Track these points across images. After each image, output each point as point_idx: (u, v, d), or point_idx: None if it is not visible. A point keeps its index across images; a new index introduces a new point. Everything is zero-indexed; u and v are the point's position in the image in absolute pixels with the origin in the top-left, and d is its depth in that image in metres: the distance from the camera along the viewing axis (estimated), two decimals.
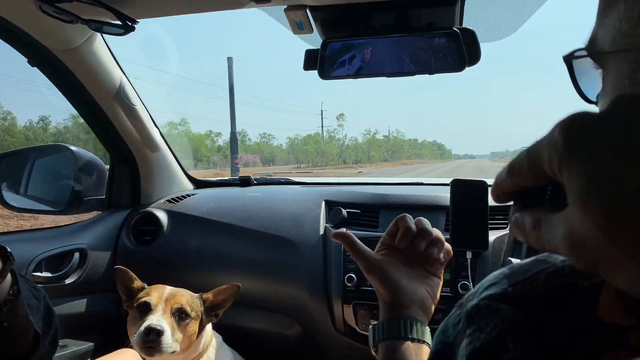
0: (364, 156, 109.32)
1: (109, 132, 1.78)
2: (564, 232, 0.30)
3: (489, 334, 0.44)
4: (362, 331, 1.52)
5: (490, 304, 0.47)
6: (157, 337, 1.25)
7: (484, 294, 0.49)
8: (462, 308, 0.51)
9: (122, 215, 1.93)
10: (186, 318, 1.35)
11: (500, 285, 0.48)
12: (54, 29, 1.32)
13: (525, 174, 0.34)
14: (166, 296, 1.37)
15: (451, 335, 0.49)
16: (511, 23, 1.34)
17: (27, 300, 0.85)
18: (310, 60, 1.26)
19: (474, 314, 0.47)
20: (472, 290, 0.52)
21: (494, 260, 1.48)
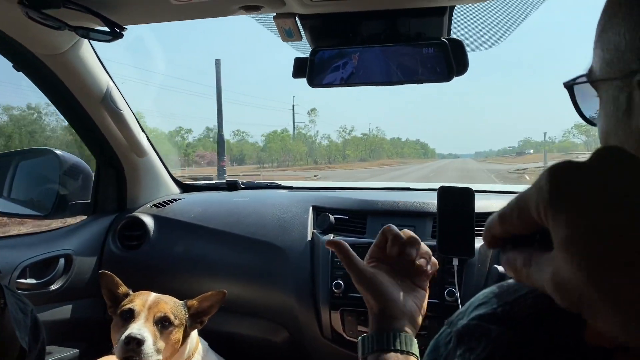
0: (339, 155, 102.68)
1: (95, 137, 1.77)
2: (550, 273, 0.31)
3: (479, 354, 0.45)
4: (350, 337, 1.52)
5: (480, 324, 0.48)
6: (138, 346, 1.23)
7: (473, 313, 0.50)
8: (452, 326, 0.51)
9: (108, 220, 1.92)
10: (169, 326, 1.34)
11: (489, 305, 0.49)
12: (40, 34, 1.30)
13: (515, 222, 0.35)
14: (149, 304, 1.35)
15: (443, 354, 0.49)
16: (499, 32, 1.35)
17: (14, 314, 0.84)
18: (299, 68, 1.26)
19: (464, 334, 0.48)
20: (462, 309, 0.53)
21: (480, 267, 1.50)
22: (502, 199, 1.67)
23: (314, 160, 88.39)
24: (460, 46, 1.18)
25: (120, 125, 1.72)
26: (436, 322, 1.45)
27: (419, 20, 1.21)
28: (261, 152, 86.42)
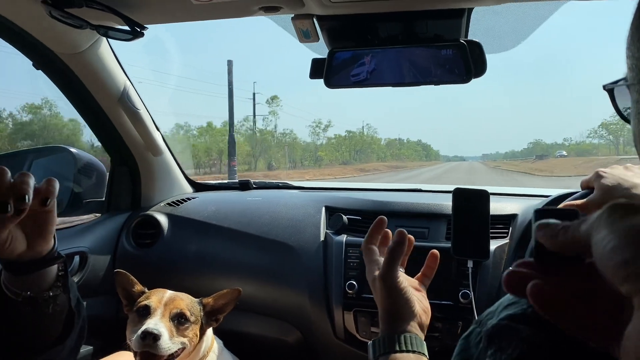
0: (309, 157, 79.27)
1: (111, 136, 1.78)
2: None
3: (510, 354, 0.45)
4: (363, 338, 1.53)
5: (510, 324, 0.48)
6: (154, 341, 1.24)
7: (503, 313, 0.50)
8: (482, 326, 0.51)
9: (122, 218, 1.93)
10: (185, 322, 1.34)
11: (519, 305, 0.49)
12: (61, 33, 1.32)
13: (559, 243, 0.36)
14: (166, 300, 1.36)
15: (474, 354, 0.50)
16: (517, 35, 1.35)
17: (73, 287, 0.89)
18: (316, 69, 1.27)
19: (495, 334, 0.48)
20: (491, 309, 0.53)
21: (495, 269, 1.50)
22: (517, 202, 1.67)
23: (268, 163, 62.70)
24: (478, 48, 1.18)
25: (136, 124, 1.74)
26: (449, 324, 1.46)
27: (436, 22, 1.21)
28: (180, 153, 71.53)
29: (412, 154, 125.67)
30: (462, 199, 1.45)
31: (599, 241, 0.30)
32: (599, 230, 0.31)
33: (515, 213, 1.61)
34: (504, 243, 1.54)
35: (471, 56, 1.17)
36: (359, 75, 1.24)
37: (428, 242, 1.57)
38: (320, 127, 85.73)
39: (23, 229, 0.77)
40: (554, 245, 0.36)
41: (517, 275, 0.39)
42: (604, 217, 0.31)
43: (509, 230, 1.59)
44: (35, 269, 0.80)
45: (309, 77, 1.29)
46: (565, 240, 0.35)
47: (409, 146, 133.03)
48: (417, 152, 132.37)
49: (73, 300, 0.89)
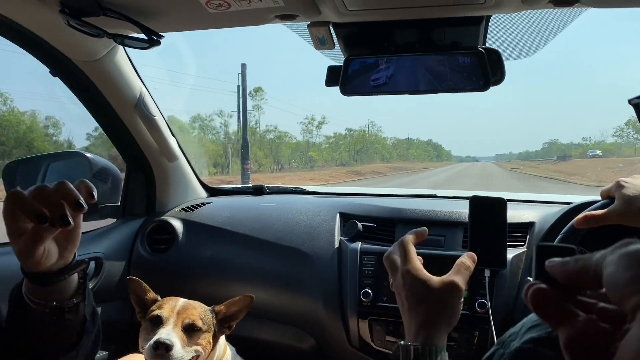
0: (299, 157, 68.38)
1: (126, 142, 1.79)
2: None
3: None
4: (378, 347, 1.51)
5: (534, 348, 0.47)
6: (166, 351, 1.24)
7: (527, 335, 0.49)
8: (505, 348, 0.50)
9: (137, 224, 1.94)
10: (198, 331, 1.34)
11: (544, 328, 0.48)
12: (78, 41, 1.33)
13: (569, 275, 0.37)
14: (178, 309, 1.36)
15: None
16: (536, 42, 1.34)
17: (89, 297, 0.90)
18: (332, 77, 1.26)
19: (518, 358, 0.47)
20: (514, 329, 0.52)
21: (512, 279, 1.48)
22: (534, 209, 1.64)
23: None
24: (497, 56, 1.17)
25: (152, 130, 1.74)
26: (466, 334, 1.44)
27: (454, 29, 1.20)
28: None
29: (422, 154, 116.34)
30: (479, 207, 1.43)
31: (610, 263, 0.33)
32: (611, 256, 0.33)
33: (532, 221, 1.59)
34: (521, 252, 1.52)
35: (489, 63, 1.15)
36: (376, 83, 1.23)
37: (444, 250, 1.56)
38: (313, 125, 73.64)
39: (55, 238, 0.77)
40: (563, 274, 0.37)
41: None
42: (617, 246, 0.34)
43: (526, 239, 1.57)
44: (62, 278, 0.79)
45: (325, 84, 1.29)
46: (575, 268, 0.36)
47: (419, 146, 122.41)
48: (427, 153, 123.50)
49: (89, 308, 0.89)
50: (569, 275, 0.37)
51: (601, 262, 0.34)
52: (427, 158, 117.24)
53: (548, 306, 0.38)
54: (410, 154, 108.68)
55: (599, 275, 0.34)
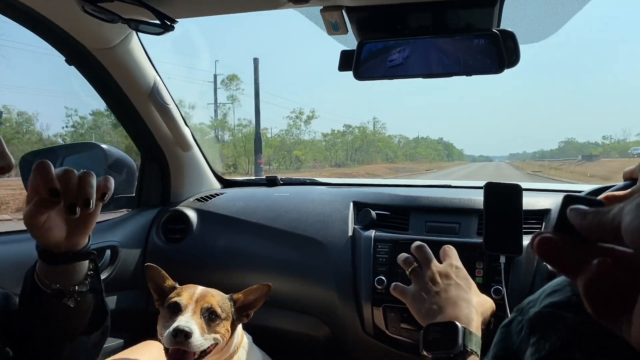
0: (282, 157, 56.53)
1: (141, 131, 1.80)
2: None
3: (554, 343, 0.43)
4: (392, 334, 1.51)
5: (554, 311, 0.46)
6: (186, 338, 1.24)
7: (546, 300, 0.48)
8: (523, 314, 0.50)
9: (151, 214, 1.95)
10: (216, 319, 1.35)
11: (563, 293, 0.48)
12: (93, 28, 1.34)
13: (589, 226, 0.36)
14: (197, 297, 1.36)
15: (515, 342, 0.48)
16: (550, 24, 1.32)
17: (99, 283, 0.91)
18: (345, 61, 1.26)
19: (538, 322, 0.47)
20: (533, 297, 0.52)
21: (528, 265, 1.46)
22: (549, 197, 1.63)
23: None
24: (512, 37, 1.15)
25: (166, 119, 1.75)
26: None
27: (468, 11, 1.19)
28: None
29: (431, 153, 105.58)
30: (494, 194, 1.42)
31: (628, 212, 0.32)
32: (629, 206, 0.33)
33: (548, 208, 1.58)
34: None
35: (504, 45, 1.14)
36: (389, 66, 1.22)
37: (459, 237, 1.55)
38: (300, 119, 61.69)
39: (66, 218, 0.80)
40: (582, 226, 0.37)
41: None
42: (635, 197, 0.33)
43: (542, 226, 1.55)
44: (67, 261, 0.82)
45: (337, 69, 1.28)
46: (594, 221, 0.36)
47: (428, 144, 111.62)
48: (437, 152, 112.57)
49: (100, 301, 0.92)
50: (588, 226, 0.37)
51: (619, 213, 0.33)
52: (438, 157, 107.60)
53: (555, 254, 0.38)
54: (418, 153, 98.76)
55: (617, 226, 0.33)
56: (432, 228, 1.60)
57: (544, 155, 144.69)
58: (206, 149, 2.08)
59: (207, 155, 2.12)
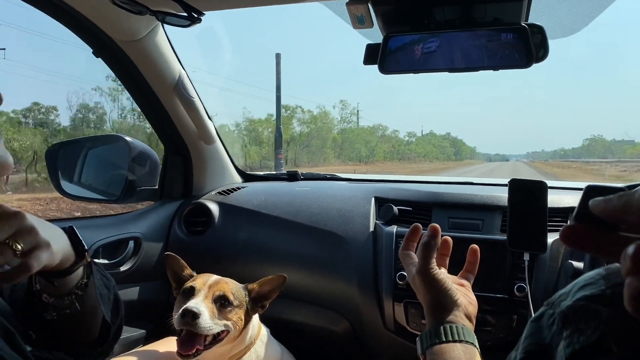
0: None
1: (165, 124, 1.82)
2: None
3: (589, 336, 0.43)
4: (413, 330, 1.50)
5: (588, 305, 0.45)
6: (193, 319, 1.25)
7: (579, 294, 0.47)
8: (554, 308, 0.49)
9: (174, 206, 1.97)
10: (228, 306, 1.35)
11: (597, 287, 0.47)
12: (120, 20, 1.35)
13: (613, 209, 0.37)
14: (210, 283, 1.38)
15: (546, 336, 0.47)
16: (580, 19, 1.30)
17: (99, 289, 0.88)
18: (370, 55, 1.25)
19: (570, 315, 0.46)
20: (564, 290, 0.51)
21: (552, 263, 1.44)
22: (574, 195, 1.60)
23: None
24: (541, 32, 1.14)
25: (190, 113, 1.77)
26: (504, 318, 1.42)
27: (496, 5, 1.18)
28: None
29: (433, 150, 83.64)
30: (519, 190, 1.41)
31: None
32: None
33: (573, 206, 1.55)
34: None
35: (533, 40, 1.12)
36: (415, 60, 1.22)
37: (482, 234, 1.53)
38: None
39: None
40: (606, 210, 0.37)
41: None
42: None
43: (566, 224, 1.53)
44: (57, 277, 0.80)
45: (362, 62, 1.28)
46: (619, 204, 0.36)
47: (430, 140, 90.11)
48: (441, 149, 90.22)
49: (106, 313, 0.90)
50: (612, 212, 0.37)
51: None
52: (442, 156, 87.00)
53: (581, 241, 0.39)
54: (412, 151, 75.54)
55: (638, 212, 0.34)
56: (455, 224, 1.59)
57: (566, 155, 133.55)
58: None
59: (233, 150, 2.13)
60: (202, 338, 1.30)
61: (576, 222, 0.41)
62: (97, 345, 0.91)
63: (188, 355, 1.27)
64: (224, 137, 2.06)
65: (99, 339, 0.91)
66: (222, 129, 35.21)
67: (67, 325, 0.84)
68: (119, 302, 0.97)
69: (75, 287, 0.83)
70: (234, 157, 2.18)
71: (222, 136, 2.04)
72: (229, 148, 2.12)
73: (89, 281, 0.85)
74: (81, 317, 0.85)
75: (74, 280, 0.82)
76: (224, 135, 2.04)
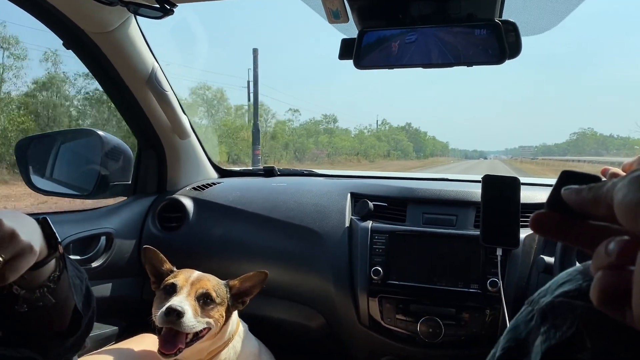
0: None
1: (138, 118, 1.79)
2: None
3: (565, 332, 0.43)
4: (388, 325, 1.51)
5: (565, 300, 0.46)
6: (177, 318, 1.24)
7: (558, 291, 0.48)
8: (533, 305, 0.50)
9: (147, 201, 1.94)
10: (211, 303, 1.35)
11: (574, 282, 0.47)
12: (92, 11, 1.32)
13: (584, 200, 0.37)
14: (192, 280, 1.37)
15: (523, 332, 0.48)
16: (551, 17, 1.31)
17: (72, 280, 0.86)
18: (345, 50, 1.25)
19: (549, 311, 0.46)
20: (544, 287, 0.51)
21: (524, 258, 1.46)
22: (547, 191, 1.62)
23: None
24: (514, 28, 1.15)
25: (164, 106, 1.74)
26: (477, 313, 1.43)
27: (469, 1, 1.18)
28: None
29: (377, 146, 64.90)
30: (492, 186, 1.42)
31: (621, 188, 0.33)
32: (622, 182, 0.33)
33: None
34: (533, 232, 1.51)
35: (506, 36, 1.13)
36: (390, 56, 1.22)
37: (456, 229, 1.55)
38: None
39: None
40: (576, 201, 0.37)
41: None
42: (628, 173, 0.34)
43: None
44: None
45: (338, 57, 1.27)
46: (589, 196, 0.36)
47: (381, 134, 72.31)
48: (394, 144, 74.60)
49: (78, 303, 0.88)
50: (582, 203, 0.37)
51: (612, 190, 0.34)
52: (396, 152, 72.11)
53: (549, 229, 0.39)
54: (336, 144, 56.36)
55: (611, 202, 0.34)
56: (430, 220, 1.60)
57: (551, 151, 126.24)
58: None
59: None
60: (184, 336, 1.29)
61: (548, 208, 0.41)
62: (68, 335, 0.89)
63: (170, 355, 1.25)
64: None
65: (70, 329, 0.89)
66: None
67: (38, 318, 0.82)
68: (90, 294, 0.95)
69: (48, 280, 0.81)
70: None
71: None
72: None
73: (61, 274, 0.83)
74: (53, 309, 0.83)
75: (46, 273, 0.80)
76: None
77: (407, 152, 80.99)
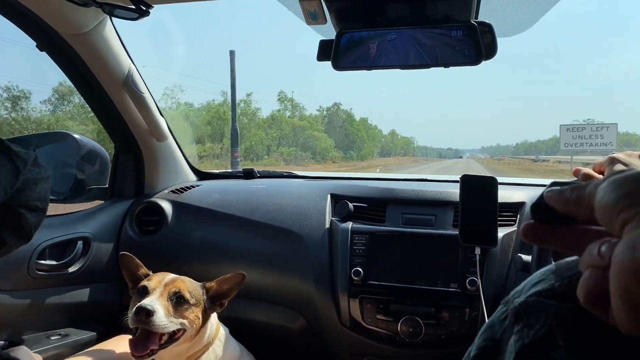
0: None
1: (115, 120, 1.77)
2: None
3: (538, 330, 0.44)
4: (369, 325, 1.51)
5: (538, 300, 0.46)
6: (147, 317, 1.23)
7: (531, 290, 0.49)
8: (508, 305, 0.50)
9: (125, 205, 1.92)
10: (184, 303, 1.33)
11: (547, 282, 0.48)
12: (66, 12, 1.30)
13: (568, 202, 0.38)
14: (166, 281, 1.36)
15: (497, 331, 0.48)
16: (526, 18, 1.33)
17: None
18: (323, 51, 1.25)
19: (522, 311, 0.47)
20: (518, 288, 0.52)
21: (502, 256, 1.48)
22: (524, 190, 1.65)
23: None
24: (489, 29, 1.16)
25: (140, 109, 1.72)
26: (457, 311, 1.44)
27: (446, 2, 1.19)
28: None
29: (321, 144, 49.85)
30: (470, 186, 1.43)
31: (600, 190, 0.34)
32: (602, 184, 0.35)
33: (522, 201, 1.60)
34: (511, 231, 1.53)
35: (482, 37, 1.15)
36: (368, 57, 1.22)
37: (435, 229, 1.56)
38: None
39: None
40: (559, 202, 0.39)
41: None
42: (608, 175, 0.35)
43: (516, 218, 1.58)
44: None
45: (316, 59, 1.28)
46: (571, 197, 0.38)
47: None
48: (347, 142, 59.69)
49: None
50: (565, 204, 0.38)
51: (594, 192, 0.35)
52: (356, 154, 58.55)
53: (541, 238, 0.41)
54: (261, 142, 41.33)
55: (592, 204, 0.35)
56: (409, 220, 1.61)
57: (529, 150, 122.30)
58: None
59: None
60: (157, 337, 1.27)
61: (533, 214, 0.42)
62: None
63: (142, 356, 1.24)
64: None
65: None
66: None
67: None
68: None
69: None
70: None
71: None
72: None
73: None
74: None
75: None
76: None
77: (371, 155, 62.58)
